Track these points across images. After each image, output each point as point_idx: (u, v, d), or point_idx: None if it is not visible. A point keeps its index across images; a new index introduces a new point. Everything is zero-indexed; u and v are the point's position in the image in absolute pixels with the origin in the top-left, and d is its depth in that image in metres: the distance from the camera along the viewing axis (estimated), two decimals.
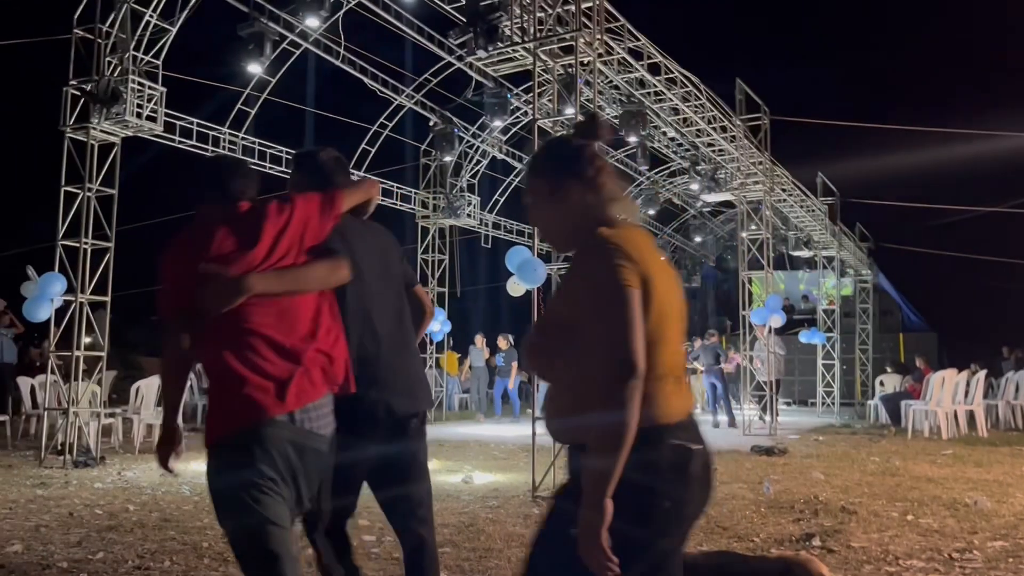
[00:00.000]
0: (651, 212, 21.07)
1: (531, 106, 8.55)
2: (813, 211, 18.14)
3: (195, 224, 2.54)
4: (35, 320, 9.68)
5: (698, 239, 24.56)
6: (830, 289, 20.90)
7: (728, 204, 19.37)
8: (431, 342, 16.06)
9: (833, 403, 18.73)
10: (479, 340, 16.86)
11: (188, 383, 12.42)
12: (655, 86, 11.81)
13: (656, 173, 19.64)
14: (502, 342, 15.83)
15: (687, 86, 12.45)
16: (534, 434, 7.39)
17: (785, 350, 15.90)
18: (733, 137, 13.96)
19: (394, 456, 2.91)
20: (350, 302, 2.70)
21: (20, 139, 24.73)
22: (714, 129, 13.51)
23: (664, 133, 15.44)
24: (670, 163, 18.28)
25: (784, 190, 16.27)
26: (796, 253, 20.39)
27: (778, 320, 13.86)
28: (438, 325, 15.29)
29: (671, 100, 12.39)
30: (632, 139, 13.74)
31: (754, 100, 14.17)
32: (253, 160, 12.63)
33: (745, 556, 4.50)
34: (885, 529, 5.68)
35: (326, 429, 2.48)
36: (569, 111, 8.18)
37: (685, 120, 13.37)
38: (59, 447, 9.15)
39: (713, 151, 14.59)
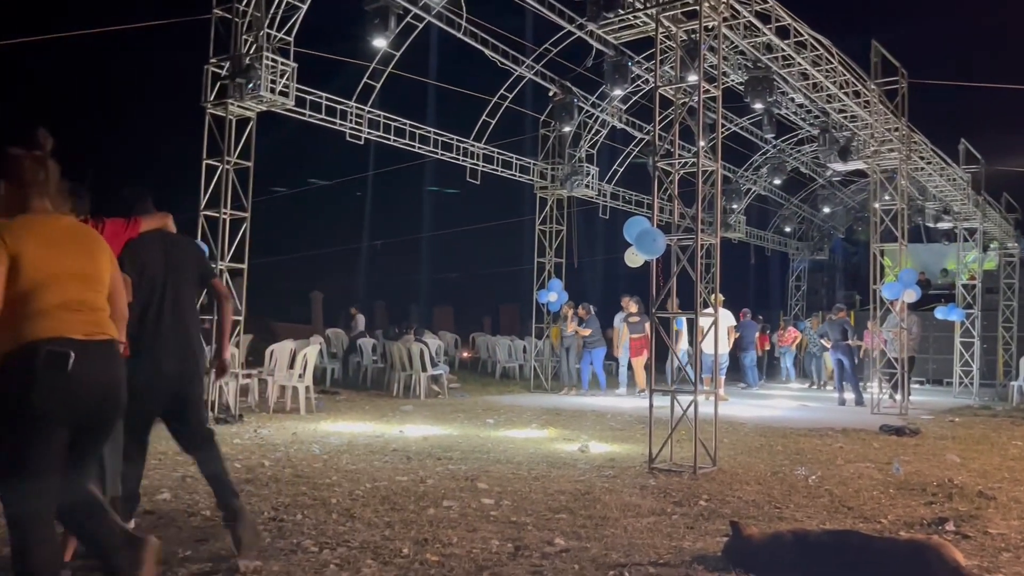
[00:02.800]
0: (777, 181, 20.37)
1: (652, 74, 8.39)
2: (954, 180, 17.04)
3: None
4: None
5: (826, 210, 23.57)
6: (971, 263, 19.63)
7: (860, 173, 18.46)
8: (548, 313, 16.14)
9: (971, 384, 17.69)
10: (565, 310, 16.75)
11: (319, 348, 12.75)
12: (783, 50, 11.34)
13: (783, 141, 18.95)
14: (583, 312, 15.06)
15: (817, 50, 11.90)
16: (651, 406, 7.35)
17: (920, 327, 15.11)
18: (867, 102, 13.26)
19: (171, 397, 4.19)
20: (148, 298, 4.08)
21: (166, 116, 26.35)
22: (846, 94, 12.86)
23: (792, 99, 14.83)
24: (798, 131, 17.57)
25: (922, 158, 15.36)
26: (934, 225, 19.25)
27: (912, 295, 13.17)
28: (554, 296, 15.32)
29: (800, 65, 11.87)
30: (758, 106, 13.27)
31: (890, 63, 13.39)
32: (378, 133, 13.00)
33: (871, 537, 4.37)
34: None
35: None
36: (692, 78, 7.98)
37: (815, 85, 12.79)
38: None
39: (845, 117, 13.91)
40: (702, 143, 7.68)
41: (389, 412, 11.13)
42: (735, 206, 20.69)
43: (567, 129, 15.76)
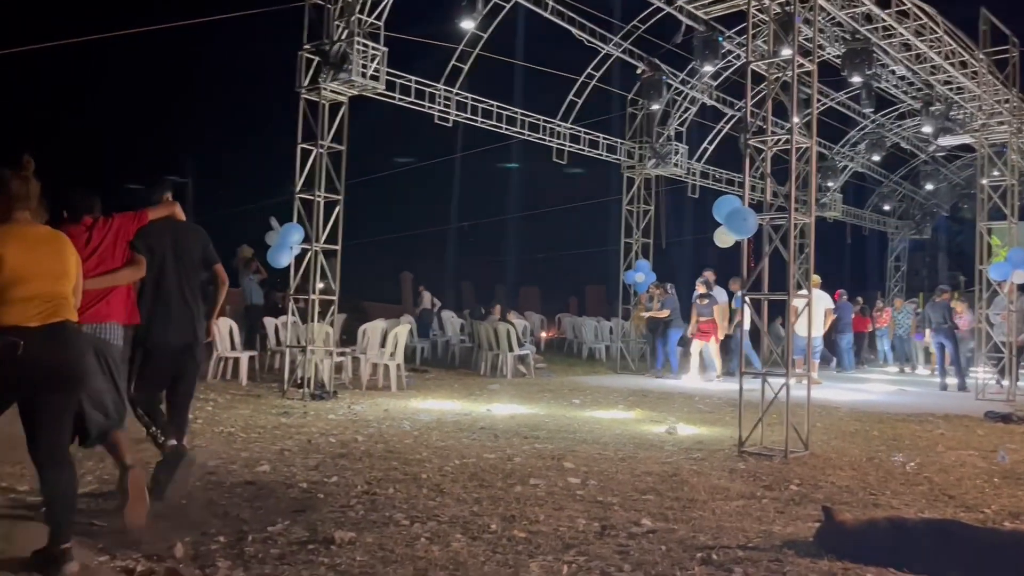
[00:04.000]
0: (875, 158, 19.59)
1: (744, 49, 8.18)
2: None
3: (64, 225, 4.34)
4: (277, 266, 10.73)
5: (929, 187, 22.55)
6: None
7: (966, 148, 17.57)
8: (635, 293, 16.01)
9: None
10: (652, 290, 16.42)
11: (409, 328, 13.07)
12: (883, 20, 10.87)
13: (882, 116, 18.20)
14: (658, 291, 14.39)
15: (921, 19, 11.36)
16: (741, 388, 7.24)
17: None
18: (975, 73, 12.59)
19: (185, 361, 4.94)
20: (157, 276, 4.78)
21: (263, 101, 27.17)
22: (952, 65, 12.26)
23: (892, 72, 14.22)
24: (898, 104, 16.84)
25: None
26: None
27: (1022, 276, 12.51)
28: (641, 276, 15.18)
29: (902, 35, 11.36)
30: (856, 80, 12.76)
31: (1000, 31, 12.67)
32: (466, 115, 13.10)
33: (973, 527, 4.22)
34: None
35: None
36: (786, 52, 7.73)
37: (918, 56, 12.23)
38: (298, 381, 10.16)
39: (950, 89, 13.26)
40: (796, 119, 7.46)
41: (476, 391, 11.29)
42: (831, 184, 20.00)
43: (655, 107, 15.52)
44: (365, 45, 10.37)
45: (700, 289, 14.03)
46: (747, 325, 11.95)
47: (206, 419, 7.76)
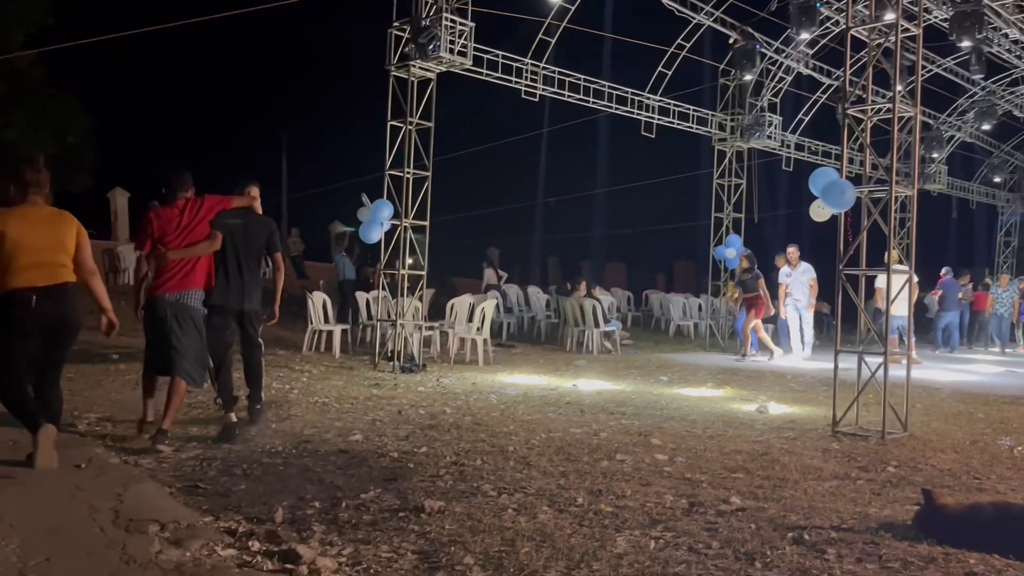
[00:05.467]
0: (985, 127, 18.57)
1: (844, 14, 7.85)
2: None
3: (162, 208, 5.68)
4: (368, 242, 10.97)
5: None
6: None
7: None
8: (725, 270, 15.69)
9: None
10: (745, 263, 15.87)
11: (496, 303, 13.40)
12: None
13: (993, 82, 17.20)
14: (744, 262, 13.48)
15: None
16: (836, 367, 7.02)
17: None
18: None
19: (240, 326, 6.15)
20: (224, 251, 5.85)
21: (354, 80, 27.66)
22: None
23: (1005, 35, 13.40)
24: (1011, 70, 15.89)
25: None
26: None
27: None
28: (732, 252, 14.84)
29: None
30: (965, 44, 12.11)
31: None
32: (553, 89, 13.03)
33: None
34: None
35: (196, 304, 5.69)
36: (889, 16, 7.37)
37: None
38: (389, 354, 10.40)
39: None
40: (899, 87, 7.11)
41: (562, 366, 11.31)
42: (935, 155, 19.05)
43: (748, 77, 15.08)
44: (453, 21, 10.41)
45: (744, 264, 13.36)
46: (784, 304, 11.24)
47: (301, 390, 8.03)
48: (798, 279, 13.23)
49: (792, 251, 13.42)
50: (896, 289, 7.17)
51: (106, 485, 4.31)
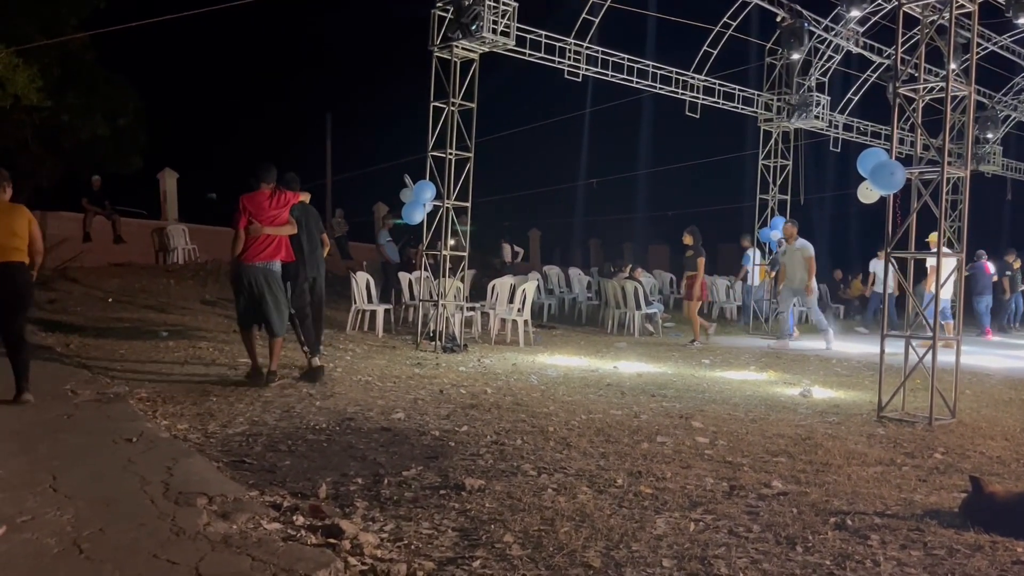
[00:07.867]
0: None
1: None
2: None
3: (252, 193, 7.08)
4: (411, 223, 11.04)
5: None
6: None
7: None
8: (770, 252, 15.47)
9: None
10: (745, 242, 15.39)
11: (536, 284, 13.58)
12: None
13: None
14: (687, 238, 12.75)
15: None
16: (882, 351, 6.90)
17: None
18: None
19: (311, 289, 7.89)
20: (301, 235, 7.56)
21: (408, 62, 27.69)
22: None
23: None
24: None
25: None
26: None
27: None
28: (777, 234, 14.61)
29: None
30: (1022, 21, 11.71)
31: None
32: (596, 69, 12.92)
33: None
34: None
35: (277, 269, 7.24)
36: None
37: None
38: (431, 334, 10.48)
39: None
40: (953, 65, 6.92)
41: (603, 348, 11.30)
42: (990, 135, 18.51)
43: (796, 56, 14.78)
44: (496, 1, 10.36)
45: (687, 240, 12.66)
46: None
47: (345, 368, 8.14)
48: (793, 256, 12.45)
49: (788, 226, 12.73)
50: (945, 273, 7.01)
51: (156, 459, 4.44)
